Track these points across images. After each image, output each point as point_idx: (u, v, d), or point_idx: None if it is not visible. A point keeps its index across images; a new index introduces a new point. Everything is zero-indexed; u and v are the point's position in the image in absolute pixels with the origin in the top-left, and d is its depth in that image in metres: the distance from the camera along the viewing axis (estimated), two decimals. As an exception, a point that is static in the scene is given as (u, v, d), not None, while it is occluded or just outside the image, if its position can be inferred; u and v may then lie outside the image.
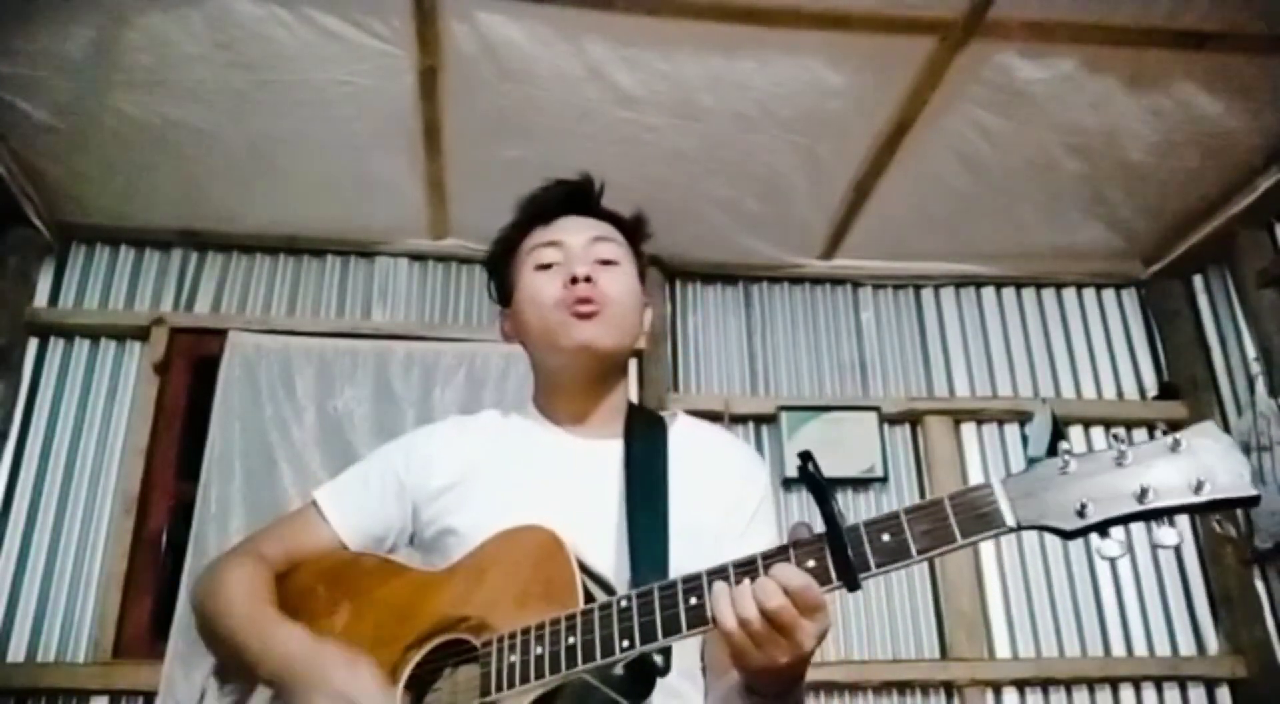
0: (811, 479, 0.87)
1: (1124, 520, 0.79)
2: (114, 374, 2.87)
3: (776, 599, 0.83)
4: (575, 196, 1.28)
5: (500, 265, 1.30)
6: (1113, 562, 2.82)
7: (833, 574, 0.85)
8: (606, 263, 1.22)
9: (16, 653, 2.56)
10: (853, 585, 0.84)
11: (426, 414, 2.78)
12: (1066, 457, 0.82)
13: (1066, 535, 0.80)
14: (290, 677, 0.99)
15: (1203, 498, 0.76)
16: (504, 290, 1.29)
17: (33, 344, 2.86)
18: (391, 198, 2.87)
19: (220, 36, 2.25)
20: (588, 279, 1.17)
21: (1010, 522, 0.81)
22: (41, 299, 2.90)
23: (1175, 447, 0.79)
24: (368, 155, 2.67)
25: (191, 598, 1.17)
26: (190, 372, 2.91)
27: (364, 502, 1.21)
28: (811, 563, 0.86)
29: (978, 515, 0.82)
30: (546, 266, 1.22)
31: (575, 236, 1.23)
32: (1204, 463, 0.77)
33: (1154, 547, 0.79)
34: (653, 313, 1.32)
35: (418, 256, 3.13)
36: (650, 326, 1.31)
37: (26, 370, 2.82)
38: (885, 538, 0.84)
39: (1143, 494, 0.78)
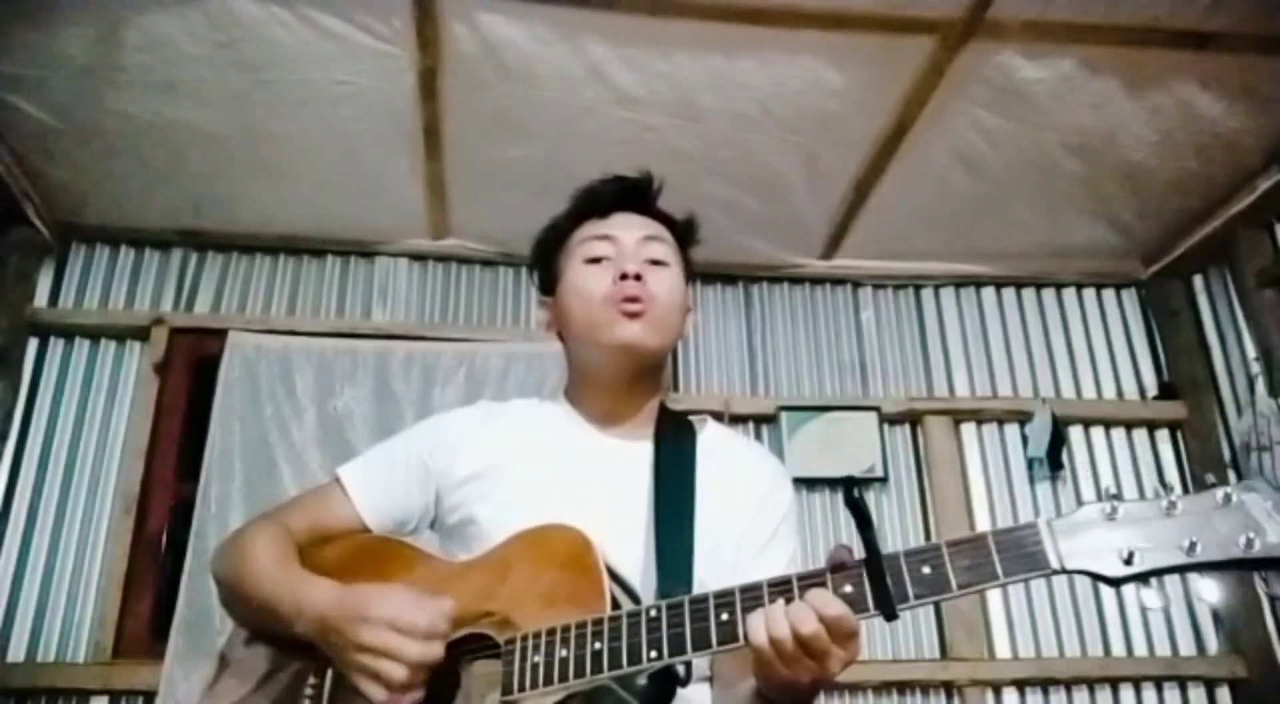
0: (854, 506, 0.86)
1: (1170, 571, 0.78)
2: (114, 374, 2.88)
3: (811, 625, 0.83)
4: (631, 193, 1.28)
5: (547, 254, 1.29)
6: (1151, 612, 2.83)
7: (870, 602, 0.84)
8: (657, 263, 1.22)
9: (16, 653, 2.56)
10: (890, 615, 0.83)
11: (426, 414, 2.72)
12: (1114, 503, 0.81)
13: (1111, 582, 0.79)
14: (329, 624, 0.98)
15: (1252, 555, 0.75)
16: (547, 279, 1.28)
17: (33, 344, 2.86)
18: (391, 198, 2.87)
19: (220, 36, 2.25)
20: (638, 277, 1.17)
21: (1055, 564, 0.80)
22: (41, 299, 2.90)
23: (1226, 501, 0.78)
24: (368, 155, 2.67)
25: (213, 566, 1.16)
26: (190, 372, 2.91)
27: (389, 484, 1.19)
28: (849, 589, 0.85)
29: (1022, 555, 0.81)
30: (596, 260, 1.21)
31: (628, 233, 1.23)
32: (1253, 518, 0.76)
33: (1198, 601, 0.79)
34: (692, 319, 1.31)
35: (418, 256, 3.13)
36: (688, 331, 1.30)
37: (26, 370, 2.82)
38: (925, 570, 0.83)
39: (1191, 547, 0.77)
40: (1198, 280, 3.18)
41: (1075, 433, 3.11)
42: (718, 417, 2.91)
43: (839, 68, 2.37)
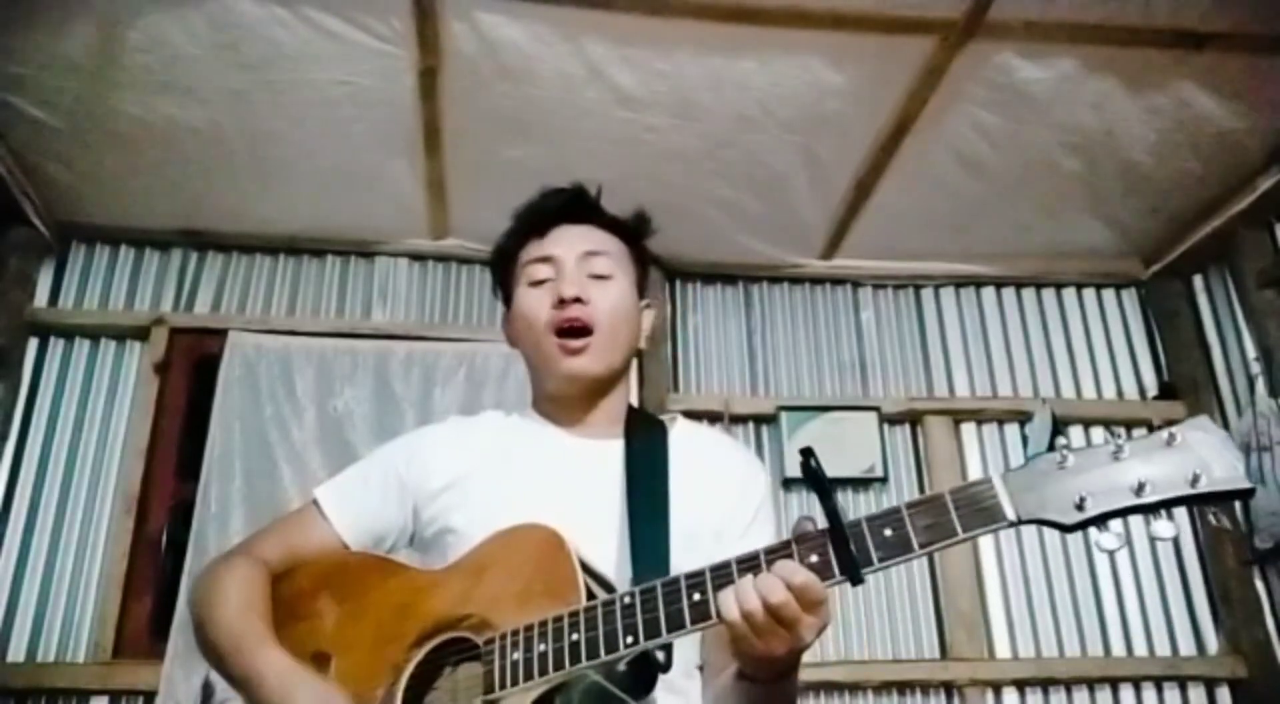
0: (813, 475, 0.87)
1: (1122, 513, 0.80)
2: (114, 374, 2.88)
3: (779, 594, 0.84)
4: (569, 207, 1.28)
5: (499, 274, 1.31)
6: (1112, 557, 2.86)
7: (835, 568, 0.86)
8: (599, 278, 1.22)
9: (16, 653, 2.56)
10: (855, 580, 0.85)
11: (426, 414, 2.78)
12: (1065, 452, 0.83)
13: (1066, 528, 0.81)
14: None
15: (1198, 490, 0.77)
16: (506, 293, 1.30)
17: (33, 344, 2.86)
18: (391, 198, 2.87)
19: (221, 36, 2.25)
20: (577, 299, 1.18)
21: (1011, 515, 0.82)
22: (41, 299, 2.90)
23: (1171, 441, 0.80)
24: (368, 155, 2.67)
25: (189, 600, 1.17)
26: (190, 372, 2.91)
27: (365, 501, 1.21)
28: (814, 558, 0.87)
29: (978, 509, 0.83)
30: (539, 283, 1.22)
31: (568, 250, 1.23)
32: (1199, 456, 0.79)
33: (1152, 539, 0.80)
34: (656, 314, 1.32)
35: (418, 256, 3.13)
36: (653, 328, 1.31)
37: (26, 370, 2.82)
38: (887, 532, 0.85)
39: (1140, 487, 0.79)
40: (1198, 280, 3.18)
41: (1075, 433, 3.10)
42: (718, 417, 2.95)
43: (839, 68, 2.37)
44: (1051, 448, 0.85)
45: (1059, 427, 2.99)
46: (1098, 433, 3.12)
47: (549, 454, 1.20)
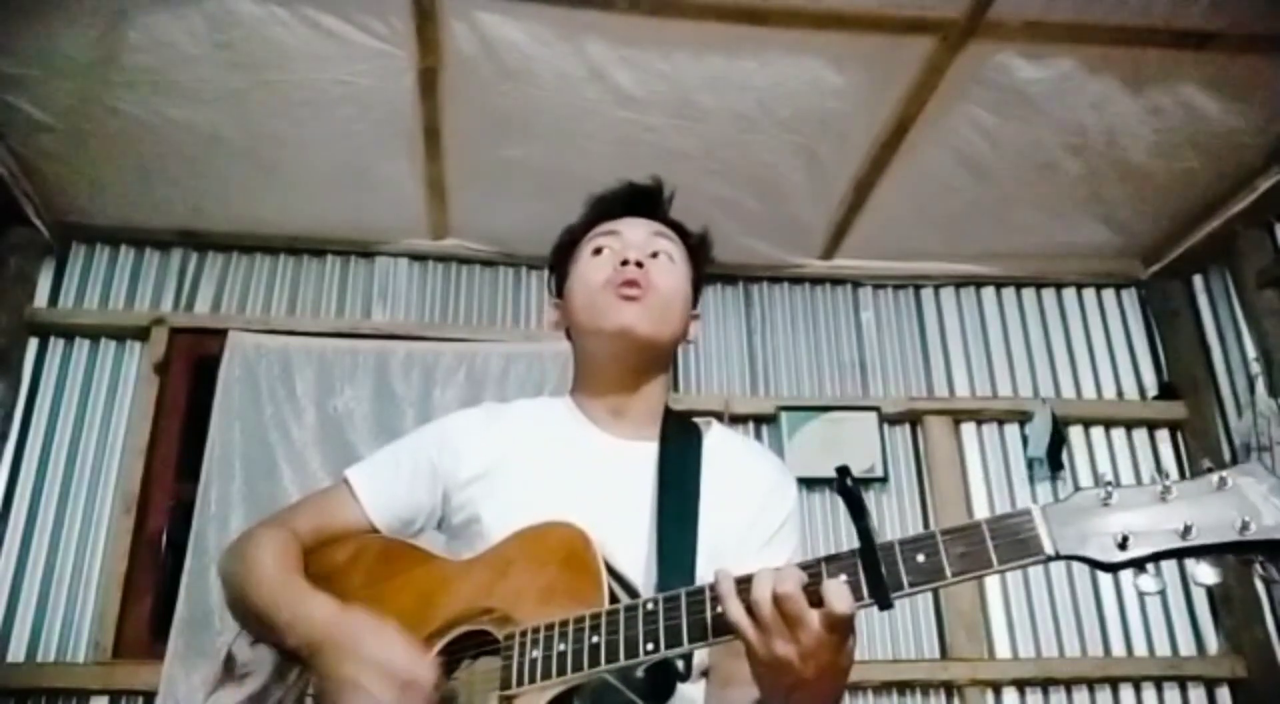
0: (848, 494, 0.85)
1: (1166, 557, 0.77)
2: (114, 374, 2.88)
3: (789, 584, 0.82)
4: (642, 199, 1.31)
5: (561, 258, 1.32)
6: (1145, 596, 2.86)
7: (865, 591, 0.82)
8: (664, 257, 1.25)
9: (16, 653, 2.56)
10: (884, 604, 0.82)
11: (426, 414, 2.78)
12: (1109, 488, 0.80)
13: (1106, 568, 0.78)
14: (318, 645, 0.99)
15: (1248, 537, 0.74)
16: (559, 281, 1.32)
17: (33, 344, 2.86)
18: (391, 198, 2.87)
19: (220, 36, 2.25)
20: (639, 264, 1.20)
21: (1049, 550, 0.79)
22: (41, 299, 2.90)
23: (1221, 484, 0.77)
24: (368, 155, 2.67)
25: (220, 567, 1.18)
26: (190, 372, 2.91)
27: (395, 484, 1.21)
28: (843, 578, 0.84)
29: (1016, 541, 0.80)
30: (603, 250, 1.25)
31: (635, 231, 1.26)
32: (1249, 502, 0.75)
33: (1194, 585, 0.77)
34: (699, 326, 1.34)
35: (418, 256, 3.13)
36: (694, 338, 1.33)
37: (26, 370, 2.82)
38: (920, 558, 0.82)
39: (1186, 531, 0.76)
40: (1198, 280, 3.18)
41: (1075, 433, 3.10)
42: (718, 417, 2.94)
43: (839, 68, 2.37)
44: (1055, 453, 0.83)
45: (1059, 427, 2.99)
46: (1098, 433, 3.13)
47: (582, 452, 1.19)
